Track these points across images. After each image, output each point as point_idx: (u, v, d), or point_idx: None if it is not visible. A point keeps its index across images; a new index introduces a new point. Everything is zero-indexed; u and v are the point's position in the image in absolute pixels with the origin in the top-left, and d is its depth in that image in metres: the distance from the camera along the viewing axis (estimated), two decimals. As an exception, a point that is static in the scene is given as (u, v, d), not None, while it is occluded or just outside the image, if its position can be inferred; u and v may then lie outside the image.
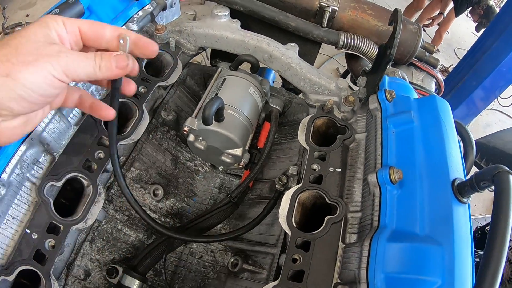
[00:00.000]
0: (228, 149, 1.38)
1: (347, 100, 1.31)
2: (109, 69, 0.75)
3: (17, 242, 0.96)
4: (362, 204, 1.09)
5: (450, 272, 0.83)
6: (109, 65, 0.75)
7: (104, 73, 0.75)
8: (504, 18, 3.97)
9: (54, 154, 1.10)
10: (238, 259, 1.31)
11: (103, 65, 0.74)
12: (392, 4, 7.77)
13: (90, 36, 0.77)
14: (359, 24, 1.56)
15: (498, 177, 0.85)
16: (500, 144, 3.12)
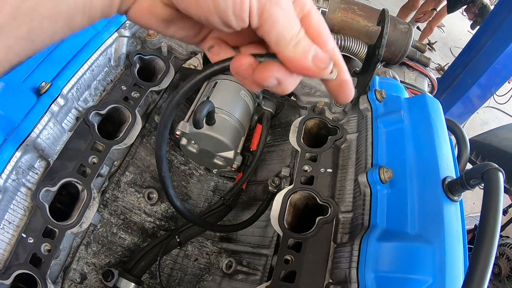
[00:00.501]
0: (220, 152, 1.39)
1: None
2: (304, 53, 0.49)
3: (13, 246, 0.98)
4: (354, 204, 1.10)
5: (441, 270, 0.83)
6: (307, 48, 0.49)
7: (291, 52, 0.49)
8: (498, 16, 3.98)
9: (49, 159, 1.12)
10: (232, 261, 1.32)
11: (302, 43, 0.49)
12: (387, 4, 7.78)
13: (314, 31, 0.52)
14: (349, 25, 1.57)
15: (488, 175, 0.86)
16: (495, 141, 3.13)
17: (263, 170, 1.57)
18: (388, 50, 1.62)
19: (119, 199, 1.36)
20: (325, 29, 0.53)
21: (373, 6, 1.65)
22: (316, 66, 0.49)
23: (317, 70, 0.50)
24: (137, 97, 1.32)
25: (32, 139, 1.04)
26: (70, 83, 1.17)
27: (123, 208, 1.36)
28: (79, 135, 1.18)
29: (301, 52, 0.49)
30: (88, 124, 1.19)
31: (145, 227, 1.40)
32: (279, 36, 0.48)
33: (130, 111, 1.27)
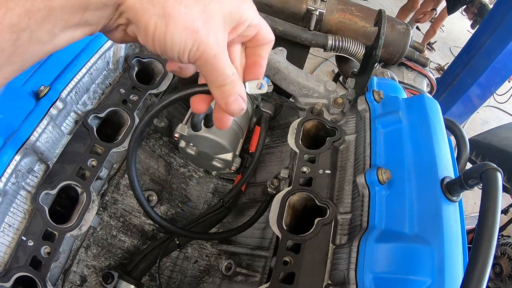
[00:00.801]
0: (218, 154, 1.39)
1: (336, 102, 1.33)
2: (221, 96, 0.64)
3: (13, 249, 0.98)
4: (352, 205, 1.10)
5: (440, 271, 0.83)
6: (226, 95, 0.64)
7: (213, 90, 0.65)
8: (497, 15, 3.99)
9: (48, 163, 1.12)
10: (231, 263, 1.32)
11: (225, 89, 0.64)
12: (386, 5, 7.79)
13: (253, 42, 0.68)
14: (347, 26, 1.58)
15: (486, 175, 0.85)
16: (495, 140, 3.13)
17: (262, 171, 1.57)
18: (386, 51, 1.62)
19: (119, 201, 1.36)
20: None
21: (372, 7, 1.66)
22: (226, 109, 0.65)
23: (226, 111, 0.66)
24: (135, 100, 1.32)
25: (31, 142, 1.04)
26: (69, 87, 1.17)
27: (122, 211, 1.36)
28: (78, 138, 1.18)
29: (219, 95, 0.64)
30: (87, 127, 1.20)
31: (145, 229, 1.41)
32: (204, 75, 0.63)
33: (128, 114, 1.27)
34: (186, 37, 0.56)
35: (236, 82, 0.64)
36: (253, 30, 0.66)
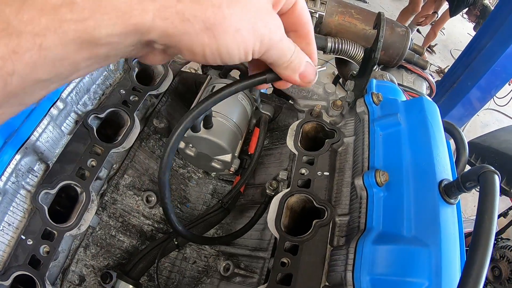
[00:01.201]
0: (218, 155, 1.40)
1: (335, 104, 1.33)
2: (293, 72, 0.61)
3: (12, 248, 0.99)
4: (350, 207, 1.10)
5: (437, 273, 0.84)
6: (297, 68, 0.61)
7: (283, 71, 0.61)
8: (498, 18, 3.99)
9: (48, 162, 1.13)
10: (229, 264, 1.33)
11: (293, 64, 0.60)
12: (387, 8, 7.81)
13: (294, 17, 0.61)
14: (346, 29, 1.58)
15: (483, 177, 0.86)
16: (495, 143, 3.14)
17: (261, 173, 1.57)
18: (386, 53, 1.63)
19: (118, 202, 1.37)
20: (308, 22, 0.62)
21: (373, 9, 1.66)
22: (302, 81, 0.63)
23: (303, 84, 0.64)
24: (135, 101, 1.33)
25: (31, 142, 1.05)
26: (70, 87, 1.18)
27: (121, 211, 1.36)
28: (78, 138, 1.19)
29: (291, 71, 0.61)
30: (87, 127, 1.21)
31: (144, 229, 1.41)
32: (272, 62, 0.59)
33: (128, 115, 1.28)
34: (243, 40, 0.50)
35: (298, 50, 0.61)
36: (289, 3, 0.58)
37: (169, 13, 0.44)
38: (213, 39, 0.48)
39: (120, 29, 0.42)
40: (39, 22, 0.38)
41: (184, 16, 0.45)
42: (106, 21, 0.41)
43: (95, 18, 0.40)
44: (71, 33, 0.40)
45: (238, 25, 0.48)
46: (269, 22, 0.53)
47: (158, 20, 0.44)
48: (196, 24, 0.46)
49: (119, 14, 0.41)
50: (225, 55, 0.51)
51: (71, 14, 0.39)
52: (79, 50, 0.42)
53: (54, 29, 0.39)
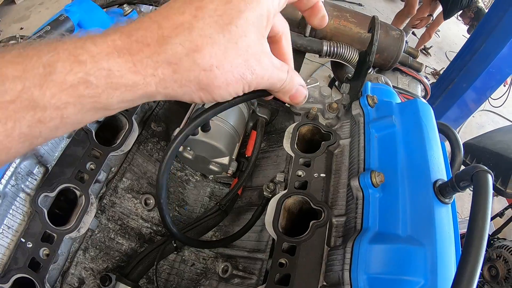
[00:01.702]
0: (215, 158, 1.41)
1: (331, 107, 1.35)
2: (283, 95, 0.68)
3: (12, 251, 1.00)
4: (347, 208, 1.12)
5: (433, 271, 0.85)
6: (288, 90, 0.67)
7: (275, 94, 0.68)
8: (492, 20, 4.01)
9: (47, 165, 1.14)
10: (228, 266, 1.34)
11: (286, 89, 0.66)
12: (382, 11, 7.84)
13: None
14: (342, 32, 1.60)
15: (477, 177, 0.87)
16: (490, 144, 3.16)
17: (258, 175, 1.59)
18: (381, 56, 1.65)
19: (117, 204, 1.38)
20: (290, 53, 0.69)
21: (368, 13, 1.68)
22: (292, 102, 0.69)
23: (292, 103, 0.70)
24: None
25: (31, 146, 1.06)
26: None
27: (120, 214, 1.37)
28: (77, 141, 1.20)
29: (282, 95, 0.67)
30: (86, 131, 1.22)
31: (142, 232, 1.42)
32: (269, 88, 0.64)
33: (127, 118, 1.29)
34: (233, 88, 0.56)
35: (292, 77, 0.66)
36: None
37: (168, 83, 0.52)
38: (208, 94, 0.55)
39: (129, 97, 0.51)
40: (60, 98, 0.45)
41: (182, 83, 0.53)
42: (117, 94, 0.49)
43: (108, 92, 0.48)
44: (88, 105, 0.47)
45: (228, 80, 0.55)
46: (256, 69, 0.57)
47: (160, 89, 0.52)
48: (192, 86, 0.53)
49: (128, 89, 0.49)
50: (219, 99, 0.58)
51: (88, 90, 0.46)
52: (94, 114, 0.50)
53: (74, 103, 0.46)
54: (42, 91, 0.43)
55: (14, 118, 0.42)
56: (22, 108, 0.43)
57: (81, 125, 0.51)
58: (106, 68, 0.47)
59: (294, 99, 0.69)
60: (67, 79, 0.45)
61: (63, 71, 0.45)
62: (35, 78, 0.43)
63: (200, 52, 0.51)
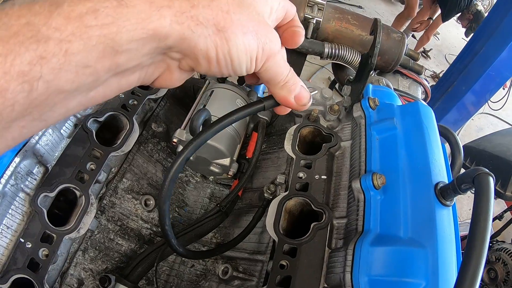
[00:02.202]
0: (216, 159, 1.41)
1: (332, 109, 1.35)
2: (288, 93, 0.64)
3: (11, 251, 0.99)
4: (348, 210, 1.12)
5: (434, 273, 0.85)
6: (292, 88, 0.64)
7: (279, 91, 0.64)
8: (492, 23, 4.03)
9: (47, 165, 1.13)
10: (228, 267, 1.33)
11: (289, 83, 0.64)
12: (382, 13, 7.87)
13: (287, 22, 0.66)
14: (343, 34, 1.60)
15: (478, 179, 0.87)
16: (489, 147, 3.17)
17: (259, 177, 1.58)
18: (382, 59, 1.65)
19: (117, 205, 1.37)
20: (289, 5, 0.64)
21: (368, 15, 1.68)
22: (297, 104, 0.66)
23: (298, 107, 0.67)
24: (134, 105, 1.34)
25: (31, 145, 1.06)
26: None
27: (120, 215, 1.37)
28: (77, 141, 1.20)
29: (286, 92, 0.64)
30: (86, 131, 1.21)
31: (142, 233, 1.41)
32: (269, 79, 0.62)
33: (127, 119, 1.29)
34: (249, 43, 0.53)
35: (293, 73, 0.64)
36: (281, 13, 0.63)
37: (184, 17, 0.47)
38: (224, 41, 0.51)
39: (140, 34, 0.45)
40: (65, 29, 0.41)
41: (198, 20, 0.48)
42: (127, 26, 0.44)
43: (117, 24, 0.43)
44: (94, 38, 0.42)
45: (244, 30, 0.52)
46: (269, 32, 0.56)
47: (174, 25, 0.47)
48: (209, 27, 0.49)
49: (139, 20, 0.44)
50: (235, 60, 0.54)
51: (96, 20, 0.42)
52: (101, 58, 0.44)
53: (80, 35, 0.41)
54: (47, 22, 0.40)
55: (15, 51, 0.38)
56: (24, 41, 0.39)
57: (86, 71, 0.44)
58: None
59: (299, 100, 0.66)
60: (74, 9, 0.41)
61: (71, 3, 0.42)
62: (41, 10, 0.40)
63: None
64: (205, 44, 0.50)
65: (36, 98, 0.42)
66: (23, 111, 0.42)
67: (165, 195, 0.78)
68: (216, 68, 0.54)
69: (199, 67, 0.55)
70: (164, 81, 0.60)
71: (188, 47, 0.50)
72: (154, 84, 0.60)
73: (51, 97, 0.43)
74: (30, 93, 0.41)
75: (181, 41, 0.49)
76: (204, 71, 0.55)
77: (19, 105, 0.41)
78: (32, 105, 0.42)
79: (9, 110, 0.40)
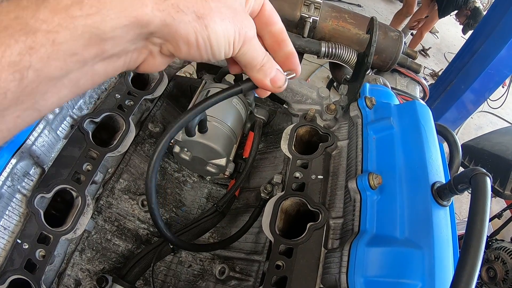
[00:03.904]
0: (213, 159, 1.41)
1: (329, 109, 1.34)
2: (264, 76, 0.68)
3: (8, 252, 0.99)
4: (344, 210, 1.11)
5: (430, 274, 0.84)
6: (268, 72, 0.68)
7: (256, 74, 0.68)
8: (491, 21, 4.03)
9: (44, 166, 1.13)
10: (225, 267, 1.33)
11: (265, 67, 0.67)
12: (381, 11, 7.86)
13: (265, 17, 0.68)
14: (340, 33, 1.60)
15: (475, 180, 0.86)
16: (488, 145, 3.16)
17: (256, 177, 1.58)
18: (379, 58, 1.64)
19: (113, 205, 1.37)
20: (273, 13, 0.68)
21: (367, 13, 1.68)
22: (273, 86, 0.69)
23: (274, 89, 0.70)
24: (131, 105, 1.34)
25: (27, 146, 1.05)
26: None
27: (117, 215, 1.37)
28: (73, 142, 1.20)
29: (263, 75, 0.67)
30: (83, 131, 1.21)
31: (139, 233, 1.41)
32: (246, 63, 0.65)
33: (124, 119, 1.29)
34: (226, 29, 0.56)
35: (270, 57, 0.67)
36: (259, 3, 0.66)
37: (165, 5, 0.50)
38: (204, 27, 0.54)
39: (124, 21, 0.48)
40: (52, 21, 0.43)
41: (179, 8, 0.51)
42: (111, 15, 0.46)
43: (101, 13, 0.46)
44: (80, 28, 0.45)
45: (222, 16, 0.55)
46: (244, 18, 0.60)
47: (156, 12, 0.49)
48: (189, 14, 0.52)
49: (122, 9, 0.47)
50: (215, 44, 0.57)
51: (81, 11, 0.45)
52: (87, 46, 0.47)
53: (66, 26, 0.44)
54: (34, 16, 0.43)
55: (5, 44, 0.41)
56: (13, 34, 0.42)
57: (73, 58, 0.47)
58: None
59: (274, 83, 0.69)
60: (60, 1, 0.44)
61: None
62: (28, 4, 0.43)
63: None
64: (185, 30, 0.53)
65: (27, 86, 0.44)
66: (15, 99, 0.44)
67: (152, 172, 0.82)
68: (196, 52, 0.57)
69: (179, 52, 0.57)
70: (148, 66, 0.62)
71: (169, 32, 0.53)
72: (138, 69, 0.62)
73: (41, 84, 0.46)
74: (21, 81, 0.43)
75: (162, 27, 0.52)
76: (184, 56, 0.58)
77: (11, 93, 0.43)
78: (24, 92, 0.45)
79: (1, 98, 0.43)
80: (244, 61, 0.65)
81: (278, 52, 0.71)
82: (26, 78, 0.43)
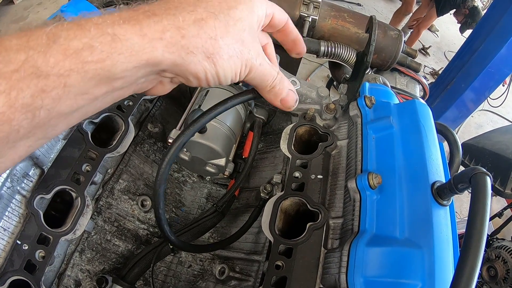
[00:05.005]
0: (212, 159, 1.41)
1: (328, 108, 1.34)
2: (275, 97, 0.70)
3: (8, 253, 0.99)
4: (344, 210, 1.11)
5: (430, 274, 0.84)
6: (279, 93, 0.70)
7: (267, 95, 0.71)
8: (491, 20, 4.01)
9: (43, 167, 1.13)
10: (225, 267, 1.33)
11: (276, 88, 0.70)
12: (381, 10, 7.84)
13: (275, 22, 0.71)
14: (339, 32, 1.59)
15: (475, 179, 0.86)
16: (488, 144, 3.15)
17: (256, 177, 1.58)
18: (379, 57, 1.64)
19: (113, 206, 1.37)
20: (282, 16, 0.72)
21: (367, 12, 1.68)
22: (283, 106, 0.73)
23: (283, 108, 0.73)
24: (130, 106, 1.34)
25: (26, 148, 1.05)
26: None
27: (116, 215, 1.37)
28: (73, 143, 1.20)
29: (273, 96, 0.70)
30: (82, 132, 1.21)
31: (139, 234, 1.41)
32: (256, 85, 0.69)
33: (123, 120, 1.29)
34: (234, 64, 0.59)
35: (282, 78, 0.70)
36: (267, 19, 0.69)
37: (175, 48, 0.52)
38: (213, 65, 0.57)
39: (134, 64, 0.49)
40: (63, 65, 0.44)
41: (189, 49, 0.53)
42: (122, 59, 0.48)
43: (112, 58, 0.47)
44: (91, 72, 0.46)
45: (230, 53, 0.58)
46: (252, 48, 0.62)
47: (166, 54, 0.52)
48: (198, 55, 0.55)
49: (132, 53, 0.48)
50: (222, 77, 0.59)
51: (91, 56, 0.45)
52: (98, 85, 0.48)
53: (77, 70, 0.45)
54: (45, 58, 0.43)
55: (17, 87, 0.42)
56: (25, 77, 0.42)
57: (84, 97, 0.48)
58: (111, 33, 0.47)
59: (285, 103, 0.72)
60: (71, 45, 0.45)
61: (67, 38, 0.45)
62: (38, 47, 0.43)
63: (206, 22, 0.55)
64: (195, 69, 0.56)
65: (39, 122, 0.45)
66: (27, 133, 0.46)
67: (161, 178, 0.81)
68: (205, 84, 0.60)
69: (189, 83, 0.60)
70: (157, 91, 0.65)
71: (179, 70, 0.56)
72: (146, 93, 0.65)
73: (53, 119, 0.47)
74: (33, 119, 0.44)
75: (173, 66, 0.54)
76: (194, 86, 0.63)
77: (23, 129, 0.44)
78: (36, 127, 0.46)
79: (14, 134, 0.44)
80: (254, 84, 0.68)
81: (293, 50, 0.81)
82: (38, 116, 0.45)
